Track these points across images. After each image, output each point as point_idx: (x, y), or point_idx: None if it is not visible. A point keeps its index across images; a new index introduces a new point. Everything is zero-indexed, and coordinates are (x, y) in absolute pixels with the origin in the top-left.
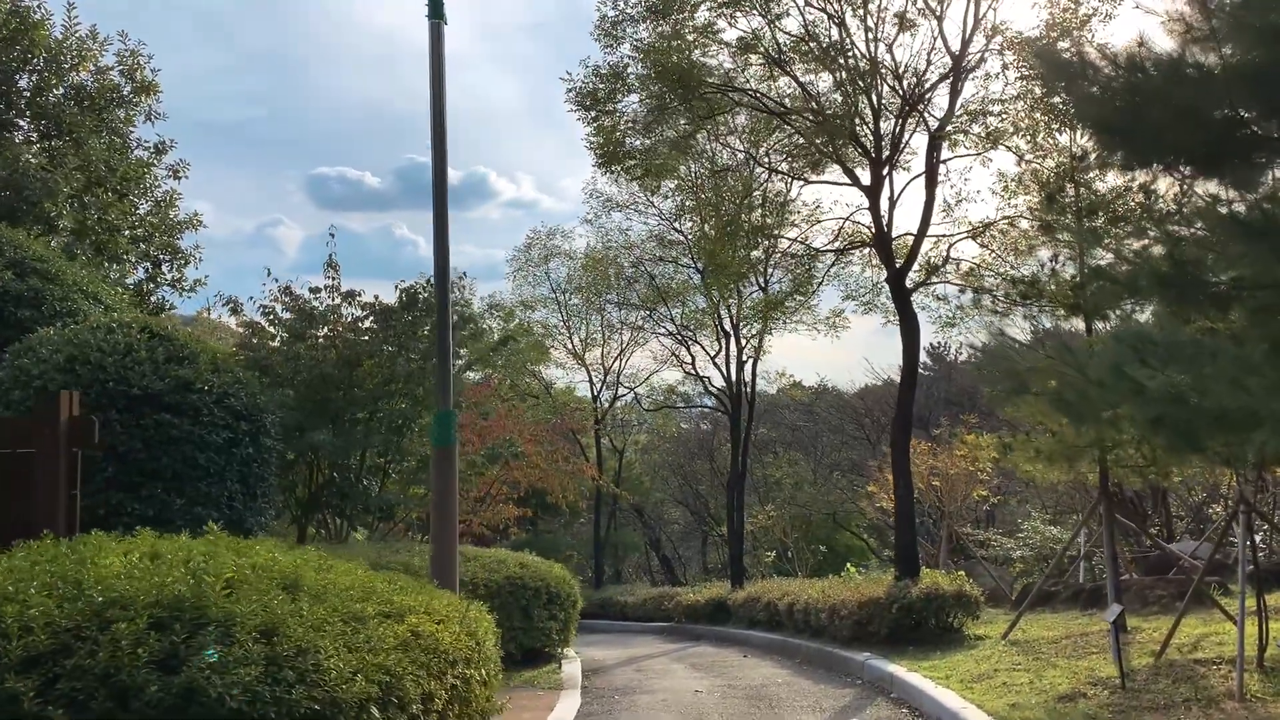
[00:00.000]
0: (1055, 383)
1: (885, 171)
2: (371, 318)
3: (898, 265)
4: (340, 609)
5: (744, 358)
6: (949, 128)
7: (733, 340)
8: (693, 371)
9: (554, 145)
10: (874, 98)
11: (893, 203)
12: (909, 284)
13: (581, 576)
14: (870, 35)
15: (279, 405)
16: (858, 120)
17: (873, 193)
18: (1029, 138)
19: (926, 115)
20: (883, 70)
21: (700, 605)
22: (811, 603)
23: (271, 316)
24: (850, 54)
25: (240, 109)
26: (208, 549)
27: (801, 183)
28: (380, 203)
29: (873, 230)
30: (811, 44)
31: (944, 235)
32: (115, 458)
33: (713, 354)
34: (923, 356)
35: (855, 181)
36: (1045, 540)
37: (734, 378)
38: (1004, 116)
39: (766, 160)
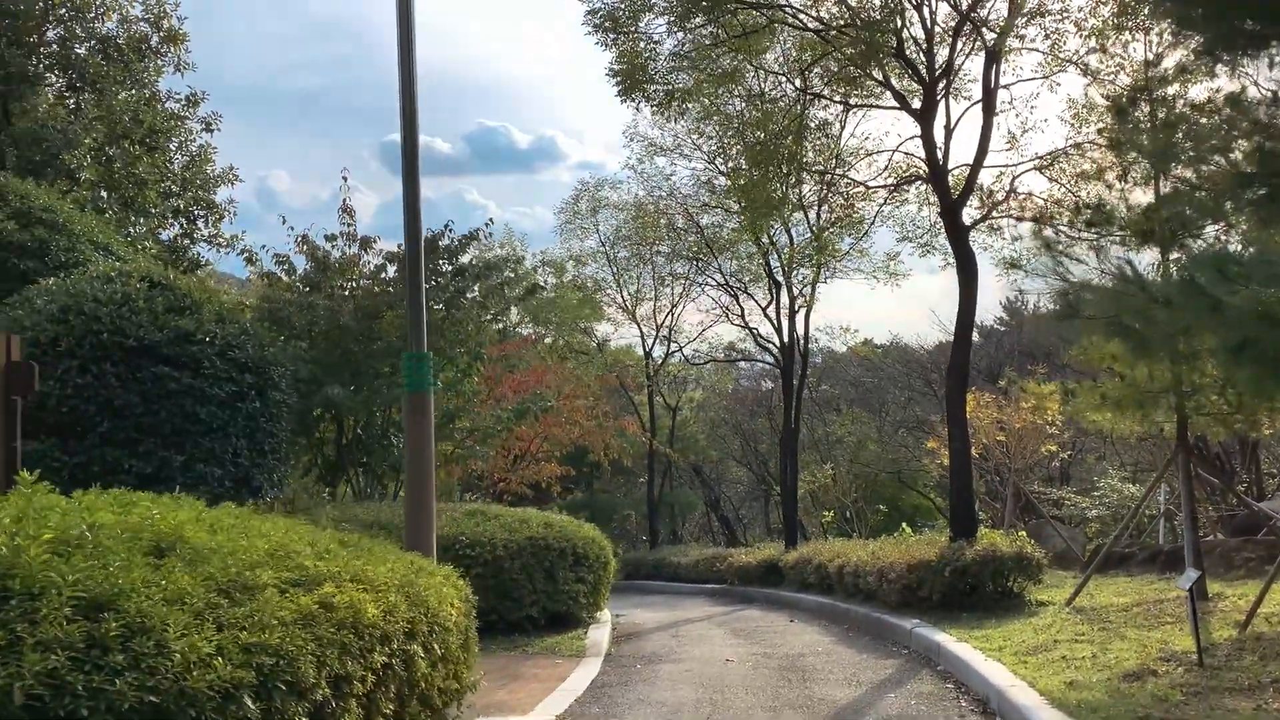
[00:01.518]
0: (1113, 305)
1: (939, 94)
2: (393, 266)
3: (953, 197)
4: (221, 577)
5: (796, 308)
6: (1009, 38)
7: (784, 290)
8: (742, 323)
9: (621, 105)
10: (925, 11)
11: (948, 131)
12: (966, 220)
13: (644, 537)
14: None
15: (293, 358)
16: (908, 40)
17: (925, 119)
18: (1098, 40)
19: (984, 30)
20: None
21: (752, 567)
22: (861, 565)
23: (286, 266)
24: None
25: (312, 78)
26: (30, 503)
27: (848, 109)
28: (451, 168)
29: (926, 161)
30: None
31: (1006, 166)
32: (111, 412)
33: (764, 305)
34: (996, 310)
35: (904, 105)
36: (1122, 499)
37: (786, 329)
38: (1065, 15)
39: (804, 84)
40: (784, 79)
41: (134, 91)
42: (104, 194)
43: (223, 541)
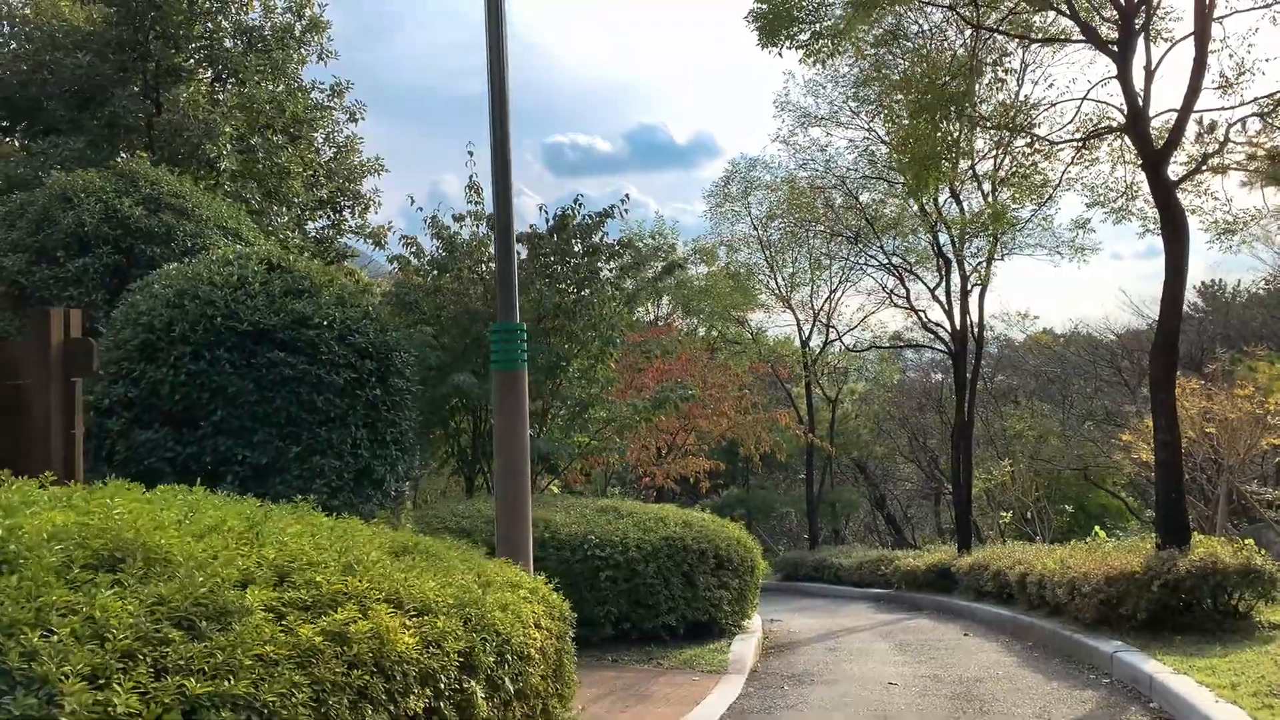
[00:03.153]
0: None
1: (1138, 27)
2: (523, 246)
3: (1156, 148)
4: (180, 599)
5: (969, 288)
6: None
7: (955, 269)
8: (908, 307)
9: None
10: None
11: (1149, 73)
12: (1172, 175)
13: (805, 536)
14: None
15: (420, 344)
16: None
17: (1122, 57)
18: None
19: None
20: None
21: (921, 572)
22: (1047, 575)
23: (414, 249)
24: None
25: (481, 83)
26: None
27: (1027, 46)
28: (611, 166)
29: (1124, 109)
30: None
31: (1220, 109)
32: (224, 400)
33: (932, 287)
34: (1191, 296)
35: (1094, 39)
36: None
37: (958, 313)
38: None
39: (977, 20)
40: (953, 14)
41: (279, 85)
42: (252, 184)
43: (201, 550)
